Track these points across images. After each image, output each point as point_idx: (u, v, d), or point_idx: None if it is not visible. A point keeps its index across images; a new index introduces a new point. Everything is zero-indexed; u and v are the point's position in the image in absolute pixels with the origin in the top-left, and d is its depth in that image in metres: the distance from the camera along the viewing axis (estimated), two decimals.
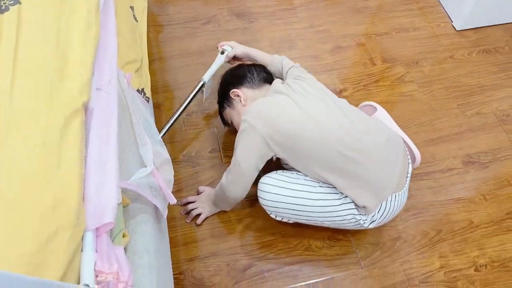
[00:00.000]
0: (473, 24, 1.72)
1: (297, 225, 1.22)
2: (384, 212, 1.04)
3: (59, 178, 0.61)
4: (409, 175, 1.08)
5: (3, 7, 0.80)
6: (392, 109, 1.48)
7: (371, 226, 1.06)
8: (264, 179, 1.07)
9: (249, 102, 1.17)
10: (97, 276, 0.60)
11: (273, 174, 1.08)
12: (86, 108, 0.73)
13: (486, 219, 1.28)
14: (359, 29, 1.72)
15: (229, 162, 1.34)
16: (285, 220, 1.14)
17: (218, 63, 1.33)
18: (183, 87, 1.51)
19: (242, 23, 1.72)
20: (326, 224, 1.09)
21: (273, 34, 1.69)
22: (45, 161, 0.61)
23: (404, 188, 1.06)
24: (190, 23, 1.70)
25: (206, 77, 1.32)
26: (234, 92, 1.20)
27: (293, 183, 1.05)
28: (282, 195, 1.04)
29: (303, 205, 1.04)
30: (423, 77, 1.59)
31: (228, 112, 1.24)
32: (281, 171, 1.10)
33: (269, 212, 1.11)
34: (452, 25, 1.74)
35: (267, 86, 1.20)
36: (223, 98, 1.24)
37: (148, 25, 1.64)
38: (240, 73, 1.24)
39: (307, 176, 1.06)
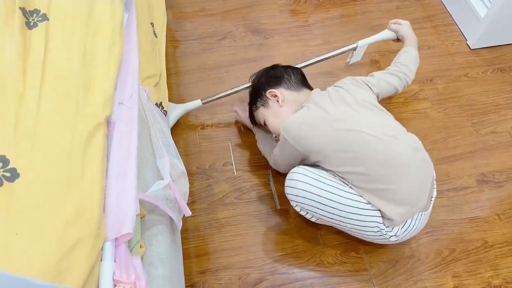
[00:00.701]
0: (488, 43, 1.72)
1: (309, 240, 1.23)
2: (408, 229, 1.04)
3: (82, 189, 0.63)
4: (433, 199, 1.09)
5: (31, 23, 0.84)
6: (406, 126, 1.47)
7: (392, 239, 1.05)
8: (297, 168, 1.05)
9: (286, 103, 1.17)
10: (115, 286, 0.62)
11: (305, 166, 1.07)
12: (108, 121, 0.76)
13: (500, 239, 1.26)
14: (373, 47, 1.73)
15: (242, 176, 1.36)
16: (308, 216, 1.11)
17: (383, 36, 1.37)
18: None
19: (257, 39, 1.75)
20: (348, 228, 1.07)
21: (287, 51, 1.71)
22: (69, 172, 0.64)
23: (429, 209, 1.08)
24: (206, 38, 1.74)
25: (362, 43, 1.34)
26: (271, 92, 1.19)
27: (325, 178, 1.03)
28: (312, 186, 1.01)
29: (331, 200, 1.01)
30: (437, 95, 1.59)
31: (262, 111, 1.22)
32: (312, 166, 1.09)
33: (294, 204, 1.09)
34: (467, 44, 1.75)
35: (305, 90, 1.22)
36: (257, 97, 1.23)
37: (166, 40, 1.69)
38: (277, 73, 1.24)
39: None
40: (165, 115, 1.11)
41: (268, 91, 1.20)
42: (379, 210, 1.00)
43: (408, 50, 1.35)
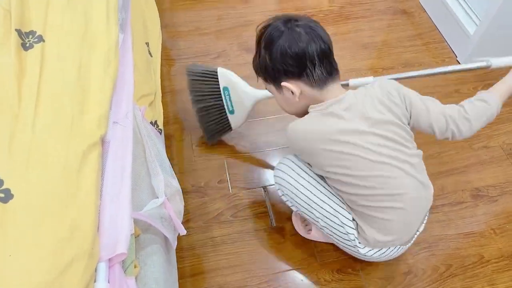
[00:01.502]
0: (478, 58, 1.75)
1: (305, 257, 1.22)
2: (381, 255, 1.04)
3: (76, 208, 0.63)
4: (418, 233, 1.07)
5: (27, 45, 0.85)
6: None
7: (360, 254, 1.04)
8: (285, 160, 1.10)
9: (302, 97, 0.96)
10: None
11: (295, 159, 1.09)
12: (103, 140, 0.76)
13: (496, 254, 1.26)
14: (366, 64, 1.77)
15: (237, 193, 1.36)
16: (288, 204, 1.14)
17: None
18: (193, 120, 1.55)
19: (251, 57, 1.77)
20: (323, 229, 1.08)
21: None
22: (63, 191, 0.64)
23: (410, 243, 1.07)
24: (200, 57, 1.76)
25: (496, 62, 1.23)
26: (287, 87, 0.95)
27: (308, 175, 1.06)
28: (292, 178, 1.06)
29: (314, 196, 1.04)
30: None
31: (273, 90, 1.02)
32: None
33: (277, 187, 1.13)
34: (457, 60, 1.78)
35: (329, 87, 0.95)
36: (270, 75, 0.99)
37: (161, 59, 1.71)
38: (300, 62, 0.92)
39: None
40: (160, 133, 1.12)
41: (283, 83, 0.95)
42: (359, 225, 1.00)
43: (488, 101, 1.06)
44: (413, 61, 1.78)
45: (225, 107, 1.31)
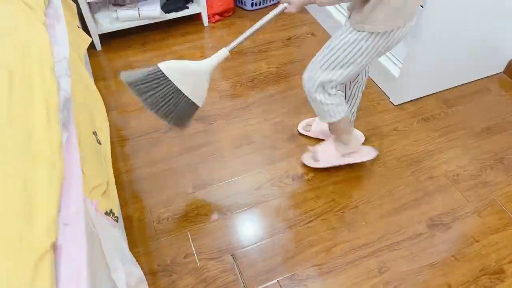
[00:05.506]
0: (408, 97, 1.91)
1: None
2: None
3: None
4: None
5: None
6: (355, 186, 1.57)
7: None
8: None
9: None
10: None
11: None
12: (55, 246, 0.76)
13: (462, 280, 1.32)
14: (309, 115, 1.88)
15: (205, 265, 1.35)
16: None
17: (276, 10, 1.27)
18: (152, 196, 1.56)
19: (202, 125, 1.84)
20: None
21: (232, 132, 1.80)
22: None
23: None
24: (152, 133, 1.80)
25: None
26: None
27: None
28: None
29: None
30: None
31: None
32: None
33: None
34: (390, 101, 1.93)
35: None
36: None
37: (113, 141, 1.73)
38: None
39: None
40: (117, 221, 1.11)
41: None
42: None
43: None
44: None
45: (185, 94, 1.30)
